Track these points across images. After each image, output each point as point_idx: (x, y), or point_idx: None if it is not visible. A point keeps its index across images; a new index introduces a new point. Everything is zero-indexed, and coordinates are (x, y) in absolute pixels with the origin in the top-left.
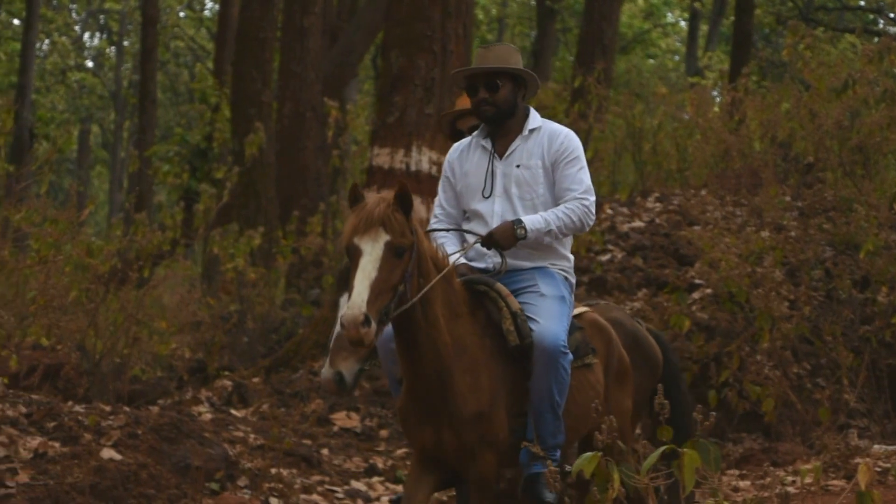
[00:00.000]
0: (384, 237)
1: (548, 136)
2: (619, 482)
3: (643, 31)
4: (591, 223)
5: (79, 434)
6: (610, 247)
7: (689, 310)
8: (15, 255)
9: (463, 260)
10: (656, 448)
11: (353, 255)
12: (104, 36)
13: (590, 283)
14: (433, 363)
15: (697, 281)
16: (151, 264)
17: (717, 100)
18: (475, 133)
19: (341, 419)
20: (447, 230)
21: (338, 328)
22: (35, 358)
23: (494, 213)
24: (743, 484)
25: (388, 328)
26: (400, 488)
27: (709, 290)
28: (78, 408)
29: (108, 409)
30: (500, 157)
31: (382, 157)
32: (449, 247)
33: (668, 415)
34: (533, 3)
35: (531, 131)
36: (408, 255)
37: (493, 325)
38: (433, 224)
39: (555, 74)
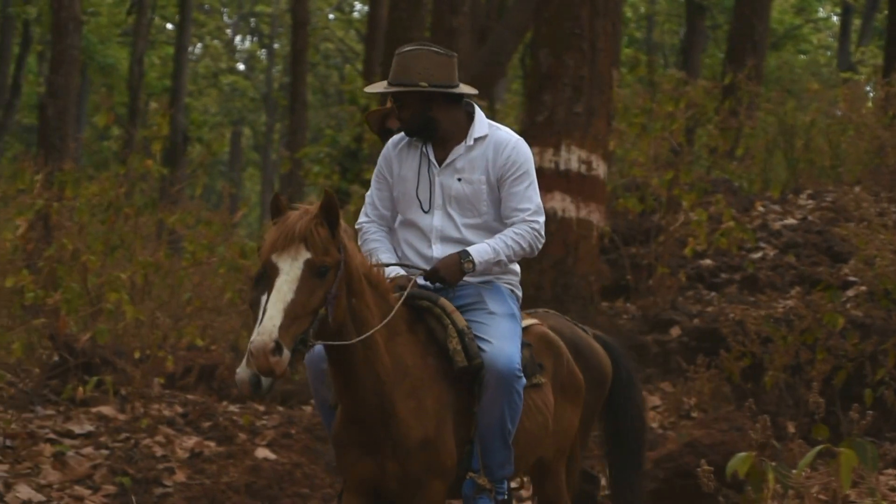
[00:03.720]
0: (304, 255)
1: (493, 146)
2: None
3: (794, 27)
4: (541, 246)
5: (234, 434)
6: (762, 244)
7: (843, 307)
8: (170, 257)
9: (402, 271)
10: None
11: (270, 273)
12: (255, 39)
13: (742, 281)
14: (373, 390)
15: (852, 278)
16: None
17: (871, 95)
18: None
19: None
20: (388, 265)
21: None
22: (190, 358)
23: (434, 227)
24: None
25: (317, 348)
26: None
27: (863, 288)
28: (232, 408)
29: (262, 409)
30: (440, 164)
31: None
32: (383, 255)
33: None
34: None
35: (476, 140)
36: (332, 275)
37: (436, 343)
38: (362, 220)
39: (704, 71)
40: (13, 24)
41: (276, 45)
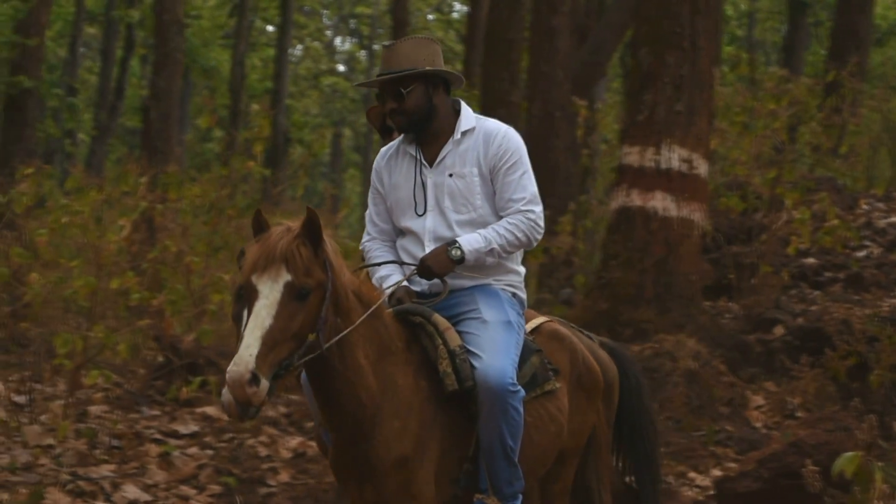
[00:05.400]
0: (285, 277)
1: (483, 137)
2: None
3: None
4: (539, 237)
5: None
6: (867, 242)
7: None
8: None
9: (396, 275)
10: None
11: (250, 296)
12: (355, 40)
13: (846, 279)
14: (354, 411)
15: None
16: None
17: None
18: (401, 138)
19: None
20: (380, 264)
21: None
22: None
23: (426, 229)
24: None
25: None
26: None
27: None
28: None
29: None
30: (430, 165)
31: (632, 156)
32: (390, 279)
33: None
34: None
35: (464, 134)
36: (315, 297)
37: (430, 363)
38: (364, 241)
39: (807, 69)
40: (117, 28)
41: (375, 47)
